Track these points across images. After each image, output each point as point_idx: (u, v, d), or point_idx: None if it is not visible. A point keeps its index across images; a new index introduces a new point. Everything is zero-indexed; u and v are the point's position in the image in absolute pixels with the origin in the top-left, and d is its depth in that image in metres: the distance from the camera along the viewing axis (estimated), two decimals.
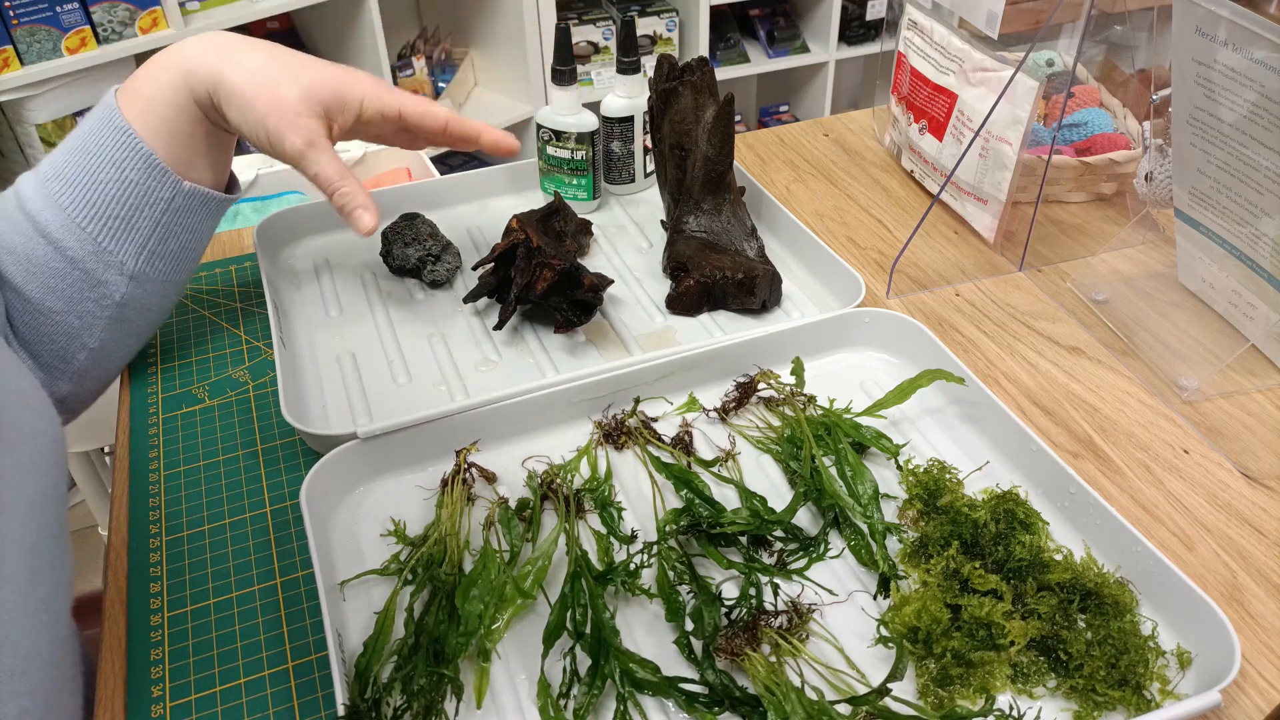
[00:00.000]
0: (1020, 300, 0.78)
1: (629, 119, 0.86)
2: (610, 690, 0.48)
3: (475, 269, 0.76)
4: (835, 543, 0.56)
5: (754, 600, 0.52)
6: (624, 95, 0.85)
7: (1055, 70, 0.94)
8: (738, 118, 2.77)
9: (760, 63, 2.54)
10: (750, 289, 0.73)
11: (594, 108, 0.84)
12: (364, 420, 0.65)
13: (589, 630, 0.50)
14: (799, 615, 0.50)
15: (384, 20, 1.96)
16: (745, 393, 0.66)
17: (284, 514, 0.60)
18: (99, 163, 0.62)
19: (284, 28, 2.10)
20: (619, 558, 0.55)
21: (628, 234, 0.86)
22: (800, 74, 2.69)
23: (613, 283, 0.73)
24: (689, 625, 0.51)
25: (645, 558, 0.54)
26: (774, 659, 0.48)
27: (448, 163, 2.31)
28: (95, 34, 1.68)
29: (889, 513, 0.58)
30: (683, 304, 0.74)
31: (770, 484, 0.61)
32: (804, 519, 0.58)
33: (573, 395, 0.64)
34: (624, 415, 0.64)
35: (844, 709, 0.46)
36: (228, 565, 0.57)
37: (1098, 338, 0.73)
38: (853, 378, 0.69)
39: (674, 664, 0.50)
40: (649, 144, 0.87)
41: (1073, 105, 0.93)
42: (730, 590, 0.53)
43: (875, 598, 0.53)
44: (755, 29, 2.57)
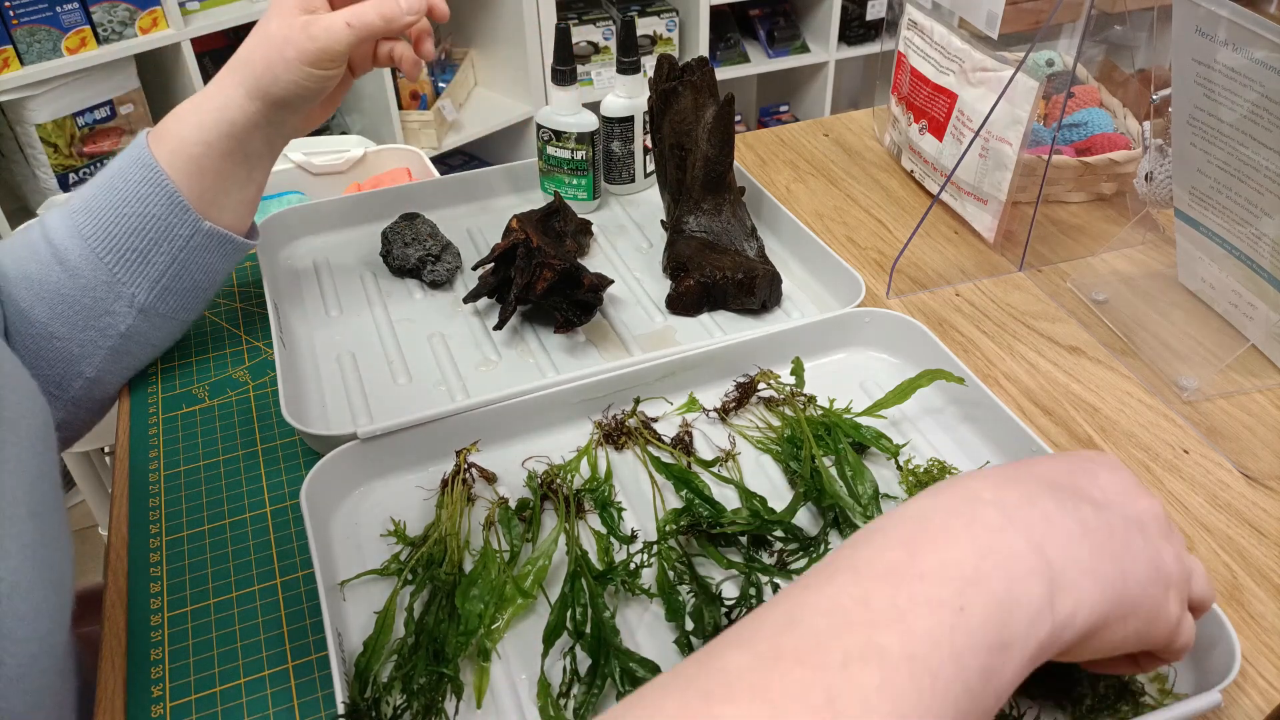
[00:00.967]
0: (1020, 300, 0.78)
1: (629, 119, 0.86)
2: (610, 690, 0.48)
3: (475, 269, 0.76)
4: (835, 543, 0.56)
5: (754, 600, 0.52)
6: (624, 95, 0.85)
7: (1055, 70, 0.94)
8: (738, 118, 2.77)
9: (760, 63, 2.54)
10: (750, 289, 0.73)
11: (594, 108, 0.84)
12: (364, 420, 0.65)
13: (589, 630, 0.50)
14: None
15: None
16: (745, 393, 0.66)
17: (284, 514, 0.60)
18: (124, 196, 0.63)
19: None
20: (619, 558, 0.55)
21: (628, 234, 0.86)
22: (800, 74, 2.69)
23: (613, 283, 0.73)
24: (689, 625, 0.51)
25: (645, 558, 0.54)
26: None
27: (448, 163, 2.31)
28: (95, 34, 1.68)
29: None
30: (683, 304, 0.75)
31: (770, 484, 0.61)
32: (804, 519, 0.58)
33: (573, 395, 0.64)
34: (624, 415, 0.64)
35: None
36: (228, 565, 0.57)
37: (1098, 338, 0.73)
38: (853, 378, 0.69)
39: (674, 664, 0.50)
40: (649, 144, 0.87)
41: (1073, 105, 0.93)
42: (730, 590, 0.53)
43: None
44: (755, 29, 2.57)
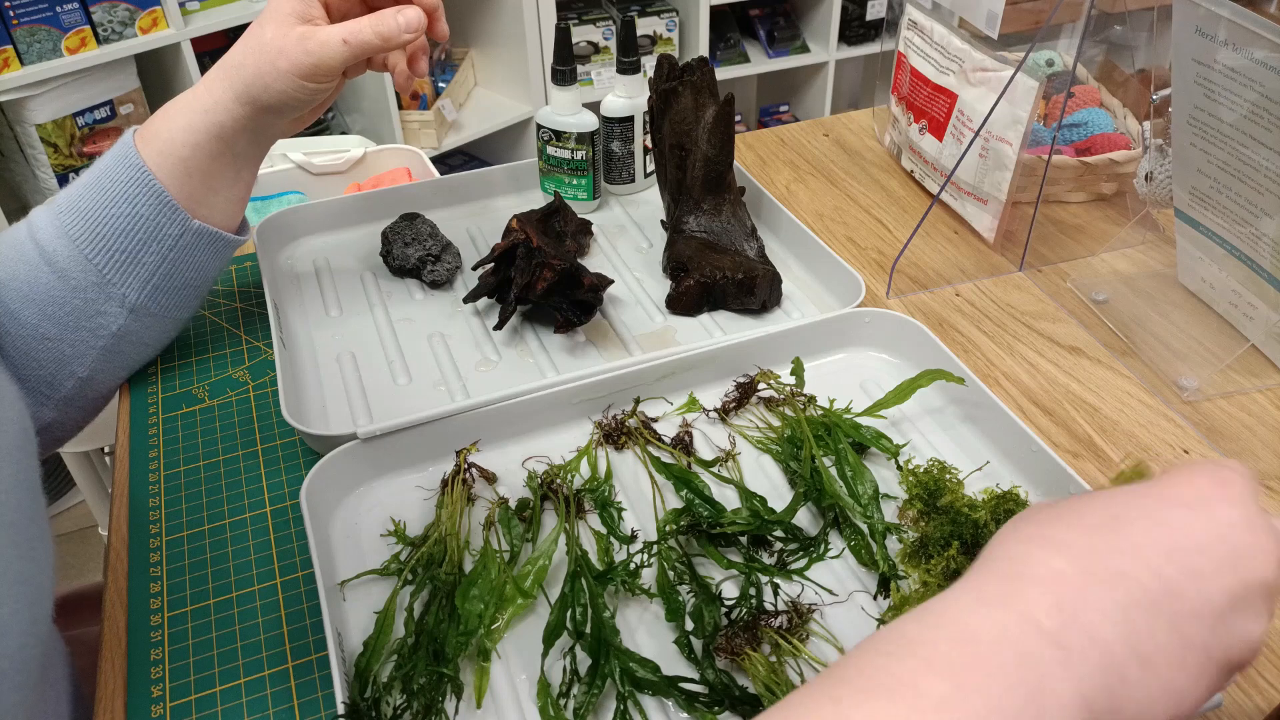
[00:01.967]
0: (1020, 300, 0.78)
1: (629, 119, 0.86)
2: (610, 690, 0.48)
3: (475, 269, 0.76)
4: (835, 543, 0.56)
5: (754, 600, 0.52)
6: (624, 95, 0.85)
7: (1055, 70, 0.94)
8: (738, 118, 2.77)
9: (760, 63, 2.54)
10: (750, 289, 0.73)
11: (594, 108, 0.84)
12: (364, 420, 0.65)
13: (589, 630, 0.50)
14: (799, 615, 0.50)
15: None
16: (745, 393, 0.66)
17: (284, 514, 0.60)
18: (112, 197, 0.63)
19: None
20: (619, 558, 0.55)
21: (628, 234, 0.86)
22: (800, 74, 2.69)
23: (613, 282, 0.73)
24: (689, 625, 0.51)
25: (645, 558, 0.54)
26: (774, 659, 0.48)
27: (447, 163, 2.31)
28: (95, 34, 1.68)
29: (889, 513, 0.58)
30: (683, 304, 0.74)
31: (770, 484, 0.61)
32: (804, 519, 0.58)
33: (573, 395, 0.64)
34: (624, 415, 0.64)
35: None
36: (228, 565, 0.57)
37: (1098, 338, 0.73)
38: (853, 378, 0.69)
39: (674, 664, 0.50)
40: (649, 144, 0.87)
41: (1073, 105, 0.93)
42: (730, 590, 0.53)
43: (875, 598, 0.53)
44: (755, 29, 2.57)
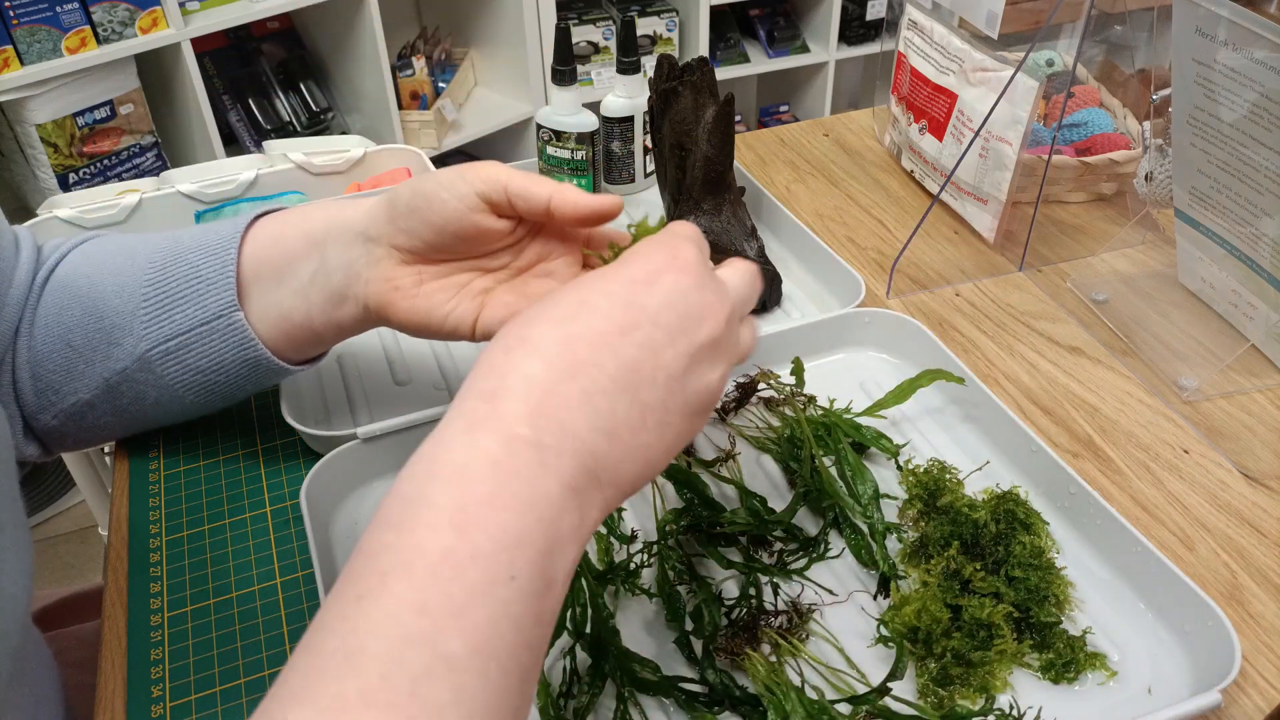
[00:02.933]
0: (1020, 300, 0.78)
1: (629, 119, 0.86)
2: (610, 690, 0.48)
3: None
4: (835, 543, 0.56)
5: (754, 600, 0.52)
6: (624, 95, 0.85)
7: (1055, 70, 0.94)
8: (738, 118, 2.77)
9: (760, 63, 2.54)
10: None
11: (594, 108, 0.84)
12: (364, 420, 0.65)
13: (589, 630, 0.50)
14: (799, 615, 0.50)
15: (384, 20, 1.96)
16: (745, 393, 0.66)
17: (284, 514, 0.60)
18: (199, 291, 0.54)
19: (284, 27, 2.09)
20: (619, 558, 0.55)
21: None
22: (800, 74, 2.68)
23: None
24: (689, 625, 0.51)
25: (645, 558, 0.54)
26: (774, 659, 0.48)
27: (448, 163, 2.30)
28: (95, 34, 1.68)
29: (889, 513, 0.57)
30: None
31: (770, 484, 0.61)
32: (804, 519, 0.58)
33: None
34: None
35: (844, 709, 0.46)
36: (228, 565, 0.57)
37: (1098, 338, 0.73)
38: (853, 378, 0.69)
39: (674, 664, 0.50)
40: (649, 144, 0.87)
41: (1073, 105, 0.93)
42: (730, 590, 0.53)
43: (875, 598, 0.53)
44: (755, 29, 2.57)
